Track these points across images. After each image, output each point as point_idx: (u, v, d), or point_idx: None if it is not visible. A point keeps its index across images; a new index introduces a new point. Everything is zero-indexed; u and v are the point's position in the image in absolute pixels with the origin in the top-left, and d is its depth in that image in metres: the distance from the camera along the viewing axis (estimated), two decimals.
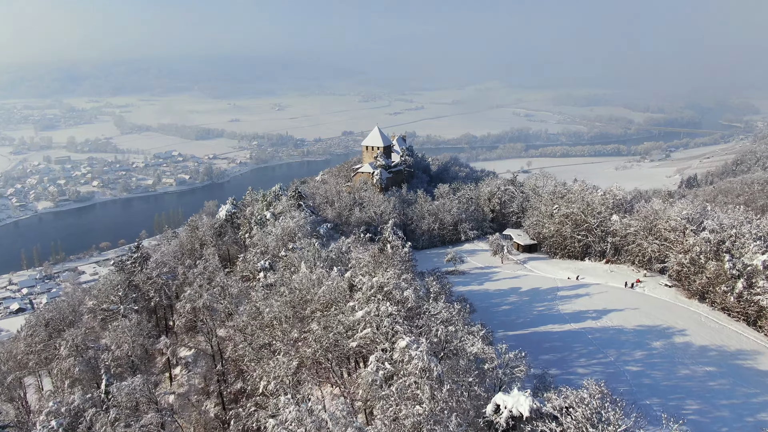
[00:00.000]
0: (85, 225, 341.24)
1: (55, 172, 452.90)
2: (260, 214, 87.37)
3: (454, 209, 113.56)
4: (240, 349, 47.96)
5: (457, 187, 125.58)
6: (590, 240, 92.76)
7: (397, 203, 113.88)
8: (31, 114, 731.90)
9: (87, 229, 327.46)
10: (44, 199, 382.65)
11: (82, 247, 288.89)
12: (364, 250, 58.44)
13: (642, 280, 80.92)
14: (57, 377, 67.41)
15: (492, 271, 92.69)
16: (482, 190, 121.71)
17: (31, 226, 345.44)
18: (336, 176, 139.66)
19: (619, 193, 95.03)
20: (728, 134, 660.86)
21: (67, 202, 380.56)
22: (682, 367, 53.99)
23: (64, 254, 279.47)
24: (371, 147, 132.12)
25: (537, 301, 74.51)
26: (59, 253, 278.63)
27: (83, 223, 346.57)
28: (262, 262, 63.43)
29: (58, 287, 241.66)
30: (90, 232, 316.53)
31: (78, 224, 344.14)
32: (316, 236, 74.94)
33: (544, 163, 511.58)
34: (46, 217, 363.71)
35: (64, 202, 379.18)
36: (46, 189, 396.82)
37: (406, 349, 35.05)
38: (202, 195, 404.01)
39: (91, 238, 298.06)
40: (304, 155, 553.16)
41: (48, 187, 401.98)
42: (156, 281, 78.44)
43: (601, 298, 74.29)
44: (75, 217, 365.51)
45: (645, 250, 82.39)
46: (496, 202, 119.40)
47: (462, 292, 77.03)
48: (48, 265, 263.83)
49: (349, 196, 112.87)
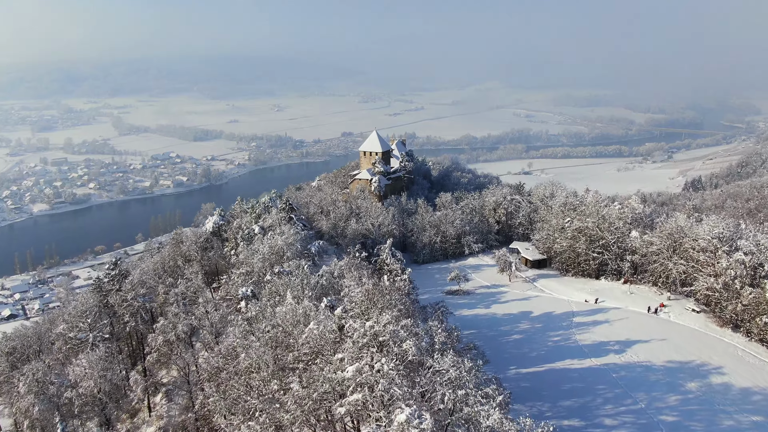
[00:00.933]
0: (80, 228, 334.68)
1: (52, 174, 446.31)
2: (248, 228, 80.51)
3: (457, 221, 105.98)
4: (210, 403, 40.91)
5: (460, 197, 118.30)
6: (607, 257, 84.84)
7: (396, 214, 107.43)
8: (28, 115, 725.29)
9: (82, 232, 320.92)
10: (40, 202, 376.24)
11: (77, 250, 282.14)
12: (358, 277, 51.32)
13: (666, 304, 72.92)
14: (17, 416, 60.39)
15: (499, 290, 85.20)
16: (487, 200, 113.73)
17: (26, 229, 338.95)
18: (332, 182, 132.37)
19: (638, 206, 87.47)
20: (730, 135, 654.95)
21: (63, 205, 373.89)
22: (724, 417, 46.78)
23: (59, 258, 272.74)
24: (369, 152, 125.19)
25: (551, 329, 67.10)
26: (53, 256, 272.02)
27: (79, 226, 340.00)
28: (244, 289, 56.43)
29: (51, 292, 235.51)
30: (85, 235, 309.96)
31: (73, 227, 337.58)
32: (306, 255, 68.08)
33: (545, 164, 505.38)
34: (41, 219, 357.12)
35: (60, 205, 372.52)
36: (42, 191, 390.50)
37: (407, 425, 28.16)
38: (199, 197, 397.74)
39: (87, 242, 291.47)
40: (303, 156, 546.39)
41: (44, 189, 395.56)
42: (132, 304, 71.00)
43: (622, 326, 66.82)
44: (71, 219, 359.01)
45: (669, 272, 74.44)
46: (502, 213, 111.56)
47: (467, 317, 70.07)
48: (42, 270, 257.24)
49: (346, 206, 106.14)
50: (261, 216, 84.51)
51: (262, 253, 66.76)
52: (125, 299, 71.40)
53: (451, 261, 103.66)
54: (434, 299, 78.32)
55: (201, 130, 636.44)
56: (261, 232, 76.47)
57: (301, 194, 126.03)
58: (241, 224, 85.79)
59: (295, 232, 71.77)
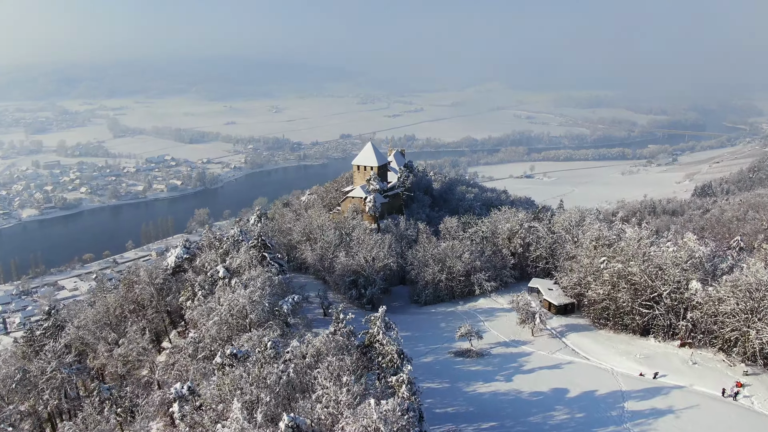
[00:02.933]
0: (69, 234, 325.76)
1: (43, 178, 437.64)
2: (211, 270, 66.11)
3: (466, 254, 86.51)
4: None
5: (468, 222, 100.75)
6: (657, 312, 66.14)
7: (393, 243, 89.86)
8: (23, 117, 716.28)
9: (71, 239, 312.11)
10: (29, 207, 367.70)
11: (65, 259, 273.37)
12: (337, 372, 37.77)
13: (743, 383, 55.18)
14: None
15: (521, 350, 68.25)
16: (500, 227, 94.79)
17: (14, 236, 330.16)
18: (323, 198, 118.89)
19: (698, 248, 67.88)
20: (734, 137, 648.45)
21: (53, 210, 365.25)
22: None
23: (45, 267, 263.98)
24: (364, 167, 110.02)
25: (597, 423, 50.10)
26: (39, 265, 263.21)
27: (68, 233, 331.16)
28: (178, 386, 41.75)
29: (34, 304, 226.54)
30: (74, 242, 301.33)
31: (62, 234, 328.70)
32: (277, 315, 54.64)
33: (547, 167, 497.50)
34: (30, 225, 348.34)
35: (50, 210, 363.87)
36: (32, 196, 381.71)
37: None
38: (194, 201, 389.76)
39: (75, 249, 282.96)
40: (301, 159, 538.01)
41: (34, 193, 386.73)
42: (53, 377, 56.53)
43: (692, 419, 49.98)
44: (60, 225, 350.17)
45: (749, 340, 56.72)
46: (518, 244, 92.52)
47: (484, 396, 55.78)
48: (26, 280, 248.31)
49: (334, 233, 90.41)
50: (228, 253, 70.51)
51: (219, 314, 53.18)
52: (43, 371, 56.08)
53: (459, 302, 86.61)
54: (439, 363, 65.33)
55: (197, 132, 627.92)
56: (226, 276, 62.12)
57: (287, 211, 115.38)
58: (205, 262, 71.44)
59: (264, 281, 57.70)
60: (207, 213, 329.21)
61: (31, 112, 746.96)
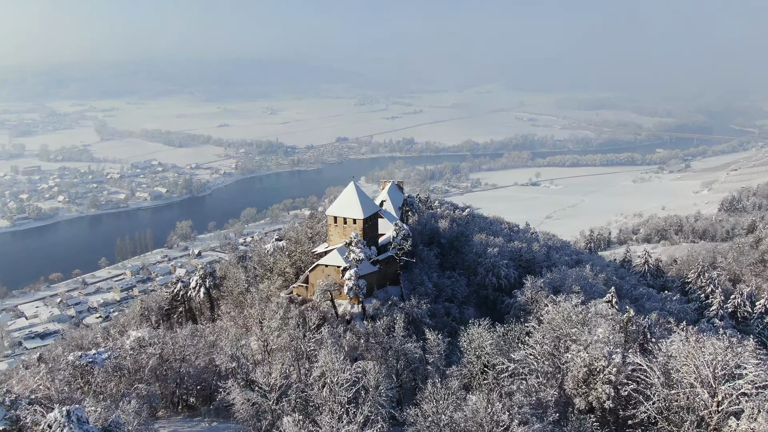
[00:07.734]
0: (40, 249, 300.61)
1: (21, 185, 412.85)
2: None
3: (505, 417, 36.71)
4: None
5: (510, 335, 50.89)
6: None
7: (382, 385, 43.01)
8: (8, 119, 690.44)
9: (42, 254, 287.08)
10: (1, 217, 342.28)
11: (31, 277, 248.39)
12: None
13: None
14: None
15: None
16: (572, 361, 46.06)
17: None
18: (295, 246, 76.13)
19: None
20: (745, 141, 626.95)
21: (26, 221, 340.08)
22: None
23: (6, 288, 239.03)
24: (343, 219, 70.42)
25: None
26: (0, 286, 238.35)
27: (39, 247, 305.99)
28: None
29: None
30: (43, 258, 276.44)
31: (32, 248, 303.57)
32: None
33: (553, 173, 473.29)
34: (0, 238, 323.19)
35: (23, 221, 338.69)
36: (6, 205, 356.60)
37: None
38: (178, 211, 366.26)
39: (43, 266, 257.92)
40: (295, 164, 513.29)
41: (8, 202, 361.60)
42: None
43: None
44: (33, 238, 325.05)
45: None
46: (604, 393, 43.44)
47: None
48: None
49: (290, 355, 49.41)
50: None
51: None
52: None
53: None
54: None
55: (188, 135, 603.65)
56: None
57: (240, 278, 79.57)
58: None
59: None
60: (190, 225, 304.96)
61: (18, 114, 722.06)
